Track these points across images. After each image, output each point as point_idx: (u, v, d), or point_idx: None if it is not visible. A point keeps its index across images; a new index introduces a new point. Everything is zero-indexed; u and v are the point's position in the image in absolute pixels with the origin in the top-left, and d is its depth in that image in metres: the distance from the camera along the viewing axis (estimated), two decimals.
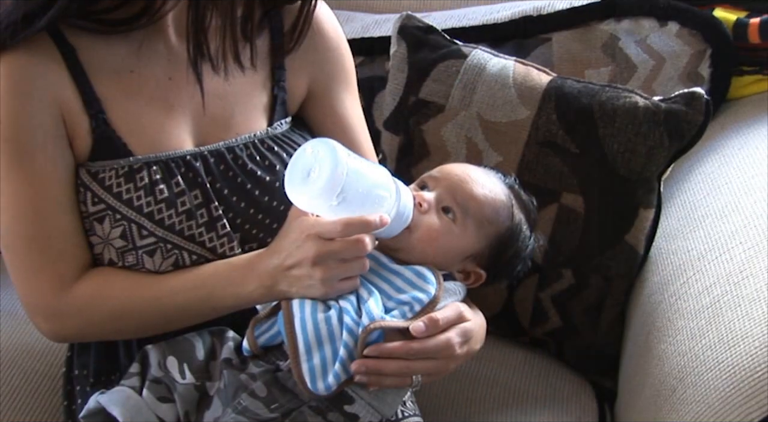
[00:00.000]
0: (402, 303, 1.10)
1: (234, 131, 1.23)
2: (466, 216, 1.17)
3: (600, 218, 1.49)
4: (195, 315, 1.18)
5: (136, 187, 1.16)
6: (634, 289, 1.52)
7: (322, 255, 1.07)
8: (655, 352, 1.29)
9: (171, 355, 1.16)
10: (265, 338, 1.15)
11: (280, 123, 1.30)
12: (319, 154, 1.05)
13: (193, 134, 1.21)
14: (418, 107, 1.56)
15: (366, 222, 1.07)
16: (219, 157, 1.21)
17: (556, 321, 1.56)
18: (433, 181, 1.20)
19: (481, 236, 1.18)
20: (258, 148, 1.24)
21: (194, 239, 1.18)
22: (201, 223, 1.18)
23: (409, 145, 1.57)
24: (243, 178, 1.22)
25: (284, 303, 1.09)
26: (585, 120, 1.48)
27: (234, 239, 1.21)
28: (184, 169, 1.18)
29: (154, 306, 1.17)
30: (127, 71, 1.18)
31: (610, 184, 1.48)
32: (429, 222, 1.15)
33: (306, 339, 1.06)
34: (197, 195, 1.19)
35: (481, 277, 1.21)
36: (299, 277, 1.09)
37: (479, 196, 1.18)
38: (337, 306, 1.08)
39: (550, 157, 1.50)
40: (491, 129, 1.53)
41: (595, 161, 1.47)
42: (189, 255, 1.18)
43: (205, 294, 1.16)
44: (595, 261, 1.51)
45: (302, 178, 1.05)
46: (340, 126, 1.37)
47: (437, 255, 1.15)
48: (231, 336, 1.19)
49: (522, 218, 1.24)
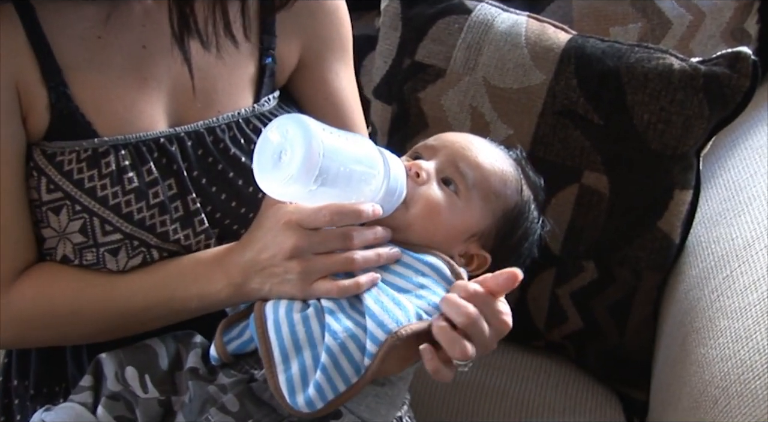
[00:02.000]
0: (419, 298, 1.10)
1: (215, 109, 1.24)
2: (470, 188, 1.18)
3: (628, 201, 1.49)
4: (155, 319, 1.18)
5: (101, 174, 1.16)
6: (668, 284, 1.52)
7: (302, 246, 1.08)
8: (694, 357, 1.29)
9: (130, 365, 1.16)
10: (236, 344, 1.15)
11: (268, 99, 1.30)
12: (289, 132, 1.05)
13: (168, 112, 1.22)
14: (413, 71, 1.56)
15: (357, 212, 1.08)
16: (197, 140, 1.22)
17: (576, 321, 1.57)
18: (429, 150, 1.21)
19: (487, 212, 1.19)
20: (242, 129, 1.25)
21: (167, 236, 1.19)
22: (176, 218, 1.19)
23: (404, 116, 1.57)
24: (224, 164, 1.22)
25: (256, 304, 1.10)
26: (610, 86, 1.48)
27: (212, 236, 1.21)
28: (157, 154, 1.19)
29: (108, 308, 1.17)
30: (94, 37, 1.17)
31: (639, 160, 1.48)
32: (428, 195, 1.16)
33: (282, 345, 1.06)
34: (172, 184, 1.19)
35: (486, 262, 1.21)
36: (274, 273, 1.09)
37: (485, 164, 1.19)
38: (318, 304, 1.08)
39: (569, 130, 1.50)
40: (500, 97, 1.52)
41: (623, 134, 1.48)
42: (159, 254, 1.19)
43: (167, 294, 1.16)
44: (622, 251, 1.51)
45: (273, 162, 1.05)
46: (332, 101, 1.37)
47: (438, 234, 1.16)
48: (199, 342, 1.20)
49: (530, 195, 1.25)
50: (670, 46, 1.63)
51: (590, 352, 1.59)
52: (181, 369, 1.18)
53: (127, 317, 1.18)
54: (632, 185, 1.49)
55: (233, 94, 1.26)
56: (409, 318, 1.06)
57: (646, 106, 1.46)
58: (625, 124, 1.47)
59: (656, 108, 1.45)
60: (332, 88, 1.37)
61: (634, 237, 1.50)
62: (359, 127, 1.40)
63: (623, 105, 1.47)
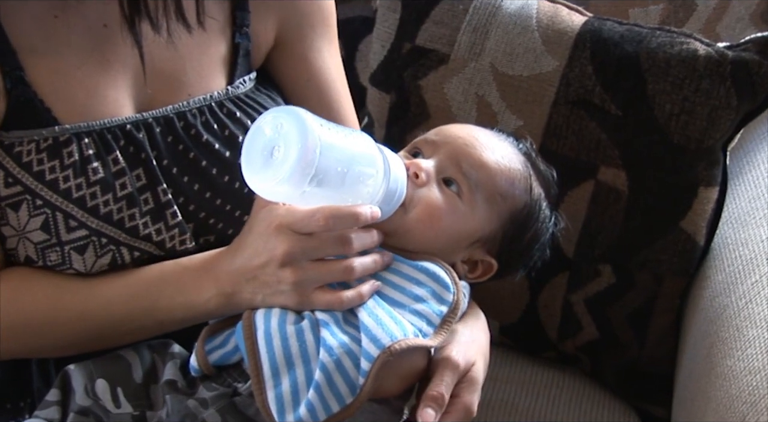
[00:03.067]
0: (415, 313, 1.10)
1: (185, 92, 1.24)
2: (473, 190, 1.18)
3: (648, 199, 1.49)
4: (136, 331, 1.18)
5: (63, 165, 1.16)
6: (692, 291, 1.52)
7: (294, 252, 1.08)
8: (720, 370, 1.29)
9: (101, 378, 1.16)
10: (218, 355, 1.15)
11: (243, 80, 1.30)
12: (283, 126, 1.04)
13: (134, 96, 1.22)
14: (414, 57, 1.56)
15: (355, 215, 1.08)
16: (167, 126, 1.22)
17: (591, 331, 1.57)
18: (429, 146, 1.21)
19: (493, 214, 1.19)
20: (215, 114, 1.25)
21: (137, 232, 1.19)
22: (145, 211, 1.19)
23: (404, 106, 1.57)
24: (196, 152, 1.23)
25: (245, 313, 1.10)
26: (629, 73, 1.48)
27: (186, 230, 1.22)
28: (123, 142, 1.19)
29: (84, 319, 1.17)
30: (51, 17, 1.17)
31: (661, 155, 1.48)
32: (428, 198, 1.15)
33: (272, 359, 1.06)
34: (140, 175, 1.19)
35: (491, 268, 1.22)
36: (266, 282, 1.09)
37: (490, 163, 1.19)
38: (312, 316, 1.08)
39: (584, 121, 1.50)
40: (509, 85, 1.52)
41: (642, 126, 1.48)
42: (129, 252, 1.19)
43: (149, 304, 1.16)
44: (641, 254, 1.51)
45: (263, 159, 1.05)
46: (316, 83, 1.37)
47: (439, 240, 1.16)
48: (176, 352, 1.20)
49: (541, 193, 1.25)
50: (695, 29, 1.63)
51: (607, 365, 1.59)
52: (157, 382, 1.17)
53: (106, 328, 1.17)
54: (653, 182, 1.49)
55: (204, 75, 1.26)
56: (405, 332, 1.06)
57: (668, 95, 1.46)
58: (645, 115, 1.47)
59: (679, 97, 1.46)
60: (315, 68, 1.37)
61: (654, 239, 1.50)
62: (347, 113, 1.40)
63: (643, 94, 1.47)
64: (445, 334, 1.10)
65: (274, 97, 1.34)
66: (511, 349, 1.64)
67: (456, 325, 1.15)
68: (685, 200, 1.48)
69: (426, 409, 1.08)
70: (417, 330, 1.08)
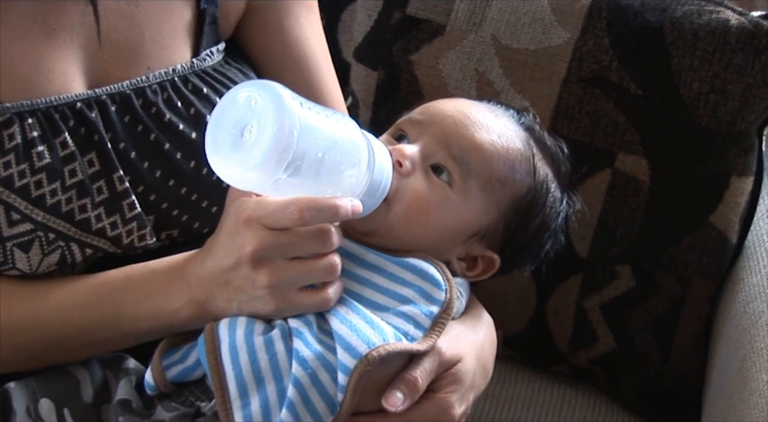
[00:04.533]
0: (401, 315, 1.09)
1: (144, 64, 1.24)
2: (466, 177, 1.16)
3: (673, 191, 1.50)
4: (96, 344, 1.17)
5: (3, 150, 1.15)
6: (723, 295, 1.53)
7: (265, 249, 1.06)
8: (754, 386, 1.29)
9: (45, 397, 1.15)
10: (178, 370, 1.14)
11: (210, 52, 1.30)
12: (257, 103, 1.03)
13: (85, 70, 1.21)
14: (405, 28, 1.57)
15: (334, 208, 1.06)
16: (123, 104, 1.21)
17: (608, 341, 1.57)
18: (415, 127, 1.20)
19: (491, 204, 1.19)
20: (179, 90, 1.25)
21: (89, 225, 1.18)
22: (99, 202, 1.19)
23: (393, 85, 1.57)
24: (157, 133, 1.22)
25: (208, 325, 1.09)
26: (651, 46, 1.48)
27: (146, 224, 1.22)
28: (73, 123, 1.18)
29: (36, 328, 1.16)
30: None
31: (687, 140, 1.48)
32: (413, 190, 1.14)
33: (239, 376, 1.05)
34: (93, 160, 1.19)
35: (493, 264, 1.21)
36: (240, 287, 1.08)
37: (485, 144, 1.18)
38: (283, 324, 1.08)
39: (599, 102, 1.50)
40: (513, 60, 1.53)
41: (666, 107, 1.48)
42: (81, 249, 1.19)
43: (112, 312, 1.15)
44: (665, 253, 1.52)
45: (232, 140, 1.04)
46: (293, 55, 1.37)
47: (428, 238, 1.15)
48: (131, 368, 1.19)
49: (548, 173, 1.24)
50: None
51: (625, 380, 1.60)
52: (109, 402, 1.17)
53: (61, 340, 1.17)
54: (678, 171, 1.49)
55: (166, 46, 1.25)
56: (384, 337, 1.06)
57: (695, 71, 1.47)
58: (670, 95, 1.48)
59: (708, 74, 1.46)
60: (292, 39, 1.36)
61: (680, 236, 1.51)
62: (330, 91, 1.39)
63: (667, 70, 1.47)
64: (437, 337, 1.10)
65: (245, 71, 1.33)
66: (516, 363, 1.64)
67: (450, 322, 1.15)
68: (715, 191, 1.49)
69: (394, 392, 1.08)
70: (401, 334, 1.08)
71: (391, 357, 1.05)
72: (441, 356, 1.11)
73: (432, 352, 1.11)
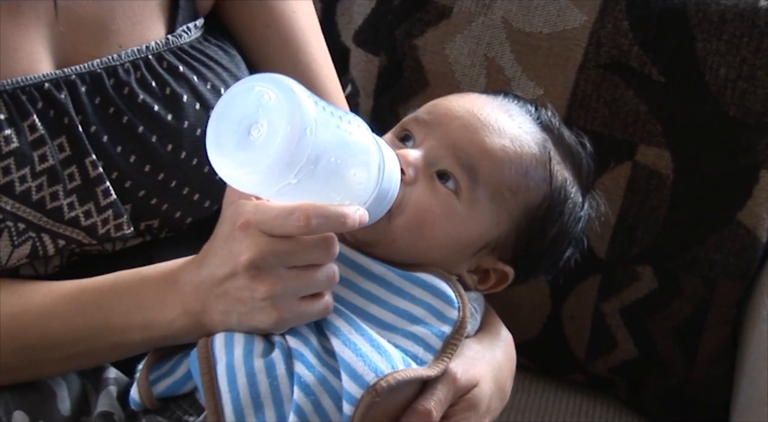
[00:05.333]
0: (410, 336, 1.10)
1: (115, 42, 1.24)
2: (474, 186, 1.16)
3: (698, 185, 1.50)
4: (82, 356, 1.17)
5: None
6: (752, 298, 1.53)
7: (264, 258, 1.05)
8: None
9: (19, 410, 1.15)
10: (165, 385, 1.14)
11: (187, 28, 1.30)
12: (269, 99, 1.02)
13: (53, 49, 1.22)
14: (409, 9, 1.56)
15: (342, 216, 1.06)
16: (94, 84, 1.22)
17: (628, 348, 1.57)
18: (421, 127, 1.20)
19: (502, 215, 1.19)
20: (153, 69, 1.25)
21: (61, 214, 1.19)
22: (71, 189, 1.19)
23: (396, 71, 1.57)
24: (131, 116, 1.23)
25: (201, 340, 1.09)
26: (674, 29, 1.48)
27: (123, 213, 1.22)
28: (41, 105, 1.18)
29: (15, 338, 1.16)
30: None
31: (713, 131, 1.48)
32: (416, 200, 1.15)
33: (236, 400, 1.05)
34: (63, 144, 1.19)
35: (507, 277, 1.22)
36: (240, 298, 1.07)
37: (495, 149, 1.17)
38: (283, 344, 1.08)
39: (618, 89, 1.50)
40: (525, 44, 1.53)
41: (691, 95, 1.48)
42: (53, 241, 1.19)
43: (100, 321, 1.15)
44: (689, 253, 1.51)
45: (237, 138, 1.03)
46: (279, 30, 1.37)
47: (433, 251, 1.16)
48: (112, 378, 1.20)
49: (567, 177, 1.24)
50: None
51: (647, 390, 1.60)
52: (88, 415, 1.18)
53: (42, 351, 1.16)
54: (703, 164, 1.49)
55: (138, 22, 1.26)
56: (393, 365, 1.05)
57: (722, 56, 1.46)
58: (694, 82, 1.47)
59: (736, 60, 1.46)
60: (276, 12, 1.36)
61: (705, 235, 1.50)
62: (323, 73, 1.39)
63: (692, 56, 1.47)
64: (448, 360, 1.09)
65: (226, 48, 1.33)
66: (529, 371, 1.64)
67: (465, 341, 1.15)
68: (743, 187, 1.49)
69: None
70: (410, 358, 1.08)
71: (401, 386, 1.05)
72: (456, 383, 1.11)
73: (447, 378, 1.11)
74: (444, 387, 1.10)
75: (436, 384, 1.10)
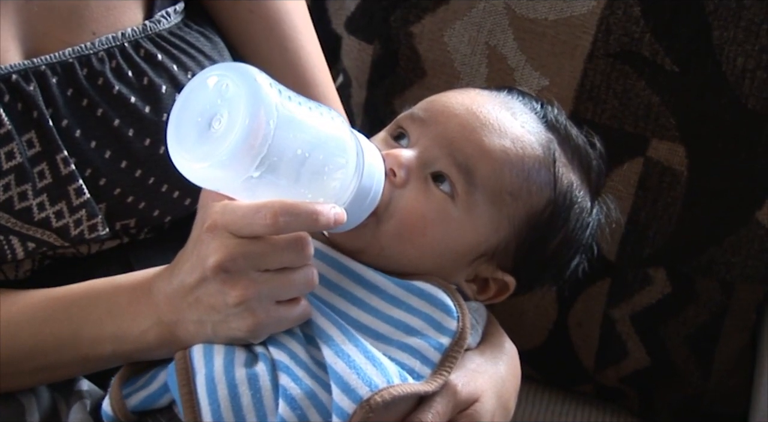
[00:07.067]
0: (406, 348, 1.09)
1: (88, 29, 1.24)
2: (471, 189, 1.15)
3: (714, 182, 1.48)
4: (50, 368, 1.16)
5: None
6: None
7: (234, 260, 1.05)
8: None
9: None
10: (140, 398, 1.13)
11: (166, 13, 1.28)
12: (229, 88, 1.02)
13: (20, 38, 1.21)
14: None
15: (313, 214, 1.05)
16: (66, 75, 1.21)
17: (640, 357, 1.56)
18: (416, 125, 1.19)
19: (501, 221, 1.18)
20: (130, 57, 1.24)
21: (30, 215, 1.18)
22: (41, 188, 1.19)
23: (391, 60, 1.56)
24: (105, 108, 1.22)
25: (179, 352, 1.09)
26: (689, 16, 1.46)
27: (97, 213, 1.21)
28: (9, 97, 1.17)
29: None
30: None
31: (731, 124, 1.46)
32: (407, 203, 1.14)
33: (216, 413, 1.05)
34: (32, 140, 1.18)
35: (508, 287, 1.21)
36: (212, 305, 1.07)
37: (495, 151, 1.16)
38: (267, 354, 1.08)
39: (629, 80, 1.48)
40: (530, 32, 1.51)
41: (707, 86, 1.46)
42: (22, 243, 1.19)
43: (69, 332, 1.14)
44: (705, 255, 1.50)
45: (198, 131, 1.03)
46: (263, 14, 1.36)
47: (425, 259, 1.15)
48: (85, 390, 1.20)
49: (574, 180, 1.23)
50: None
51: (660, 401, 1.59)
52: None
53: (8, 363, 1.16)
54: (720, 160, 1.48)
55: (113, 7, 1.25)
56: (388, 379, 1.05)
57: (739, 45, 1.45)
58: (711, 72, 1.46)
59: (755, 48, 1.45)
60: (267, 5, 1.35)
61: (722, 235, 1.49)
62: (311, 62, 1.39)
63: (707, 44, 1.46)
64: (447, 374, 1.09)
65: (208, 34, 1.32)
66: (534, 382, 1.63)
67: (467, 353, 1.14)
68: (762, 184, 1.48)
69: None
70: (406, 372, 1.07)
71: (396, 401, 1.04)
72: (456, 396, 1.11)
73: (446, 391, 1.11)
74: (443, 399, 1.09)
75: (435, 397, 1.09)
